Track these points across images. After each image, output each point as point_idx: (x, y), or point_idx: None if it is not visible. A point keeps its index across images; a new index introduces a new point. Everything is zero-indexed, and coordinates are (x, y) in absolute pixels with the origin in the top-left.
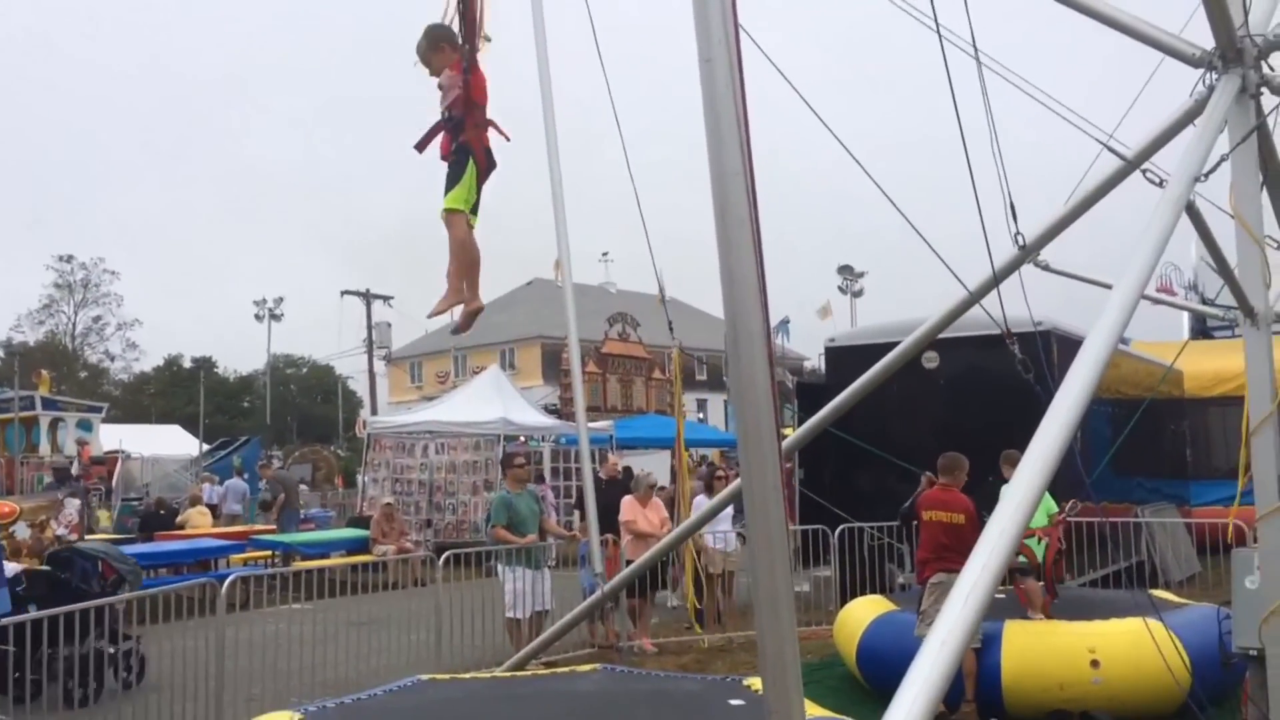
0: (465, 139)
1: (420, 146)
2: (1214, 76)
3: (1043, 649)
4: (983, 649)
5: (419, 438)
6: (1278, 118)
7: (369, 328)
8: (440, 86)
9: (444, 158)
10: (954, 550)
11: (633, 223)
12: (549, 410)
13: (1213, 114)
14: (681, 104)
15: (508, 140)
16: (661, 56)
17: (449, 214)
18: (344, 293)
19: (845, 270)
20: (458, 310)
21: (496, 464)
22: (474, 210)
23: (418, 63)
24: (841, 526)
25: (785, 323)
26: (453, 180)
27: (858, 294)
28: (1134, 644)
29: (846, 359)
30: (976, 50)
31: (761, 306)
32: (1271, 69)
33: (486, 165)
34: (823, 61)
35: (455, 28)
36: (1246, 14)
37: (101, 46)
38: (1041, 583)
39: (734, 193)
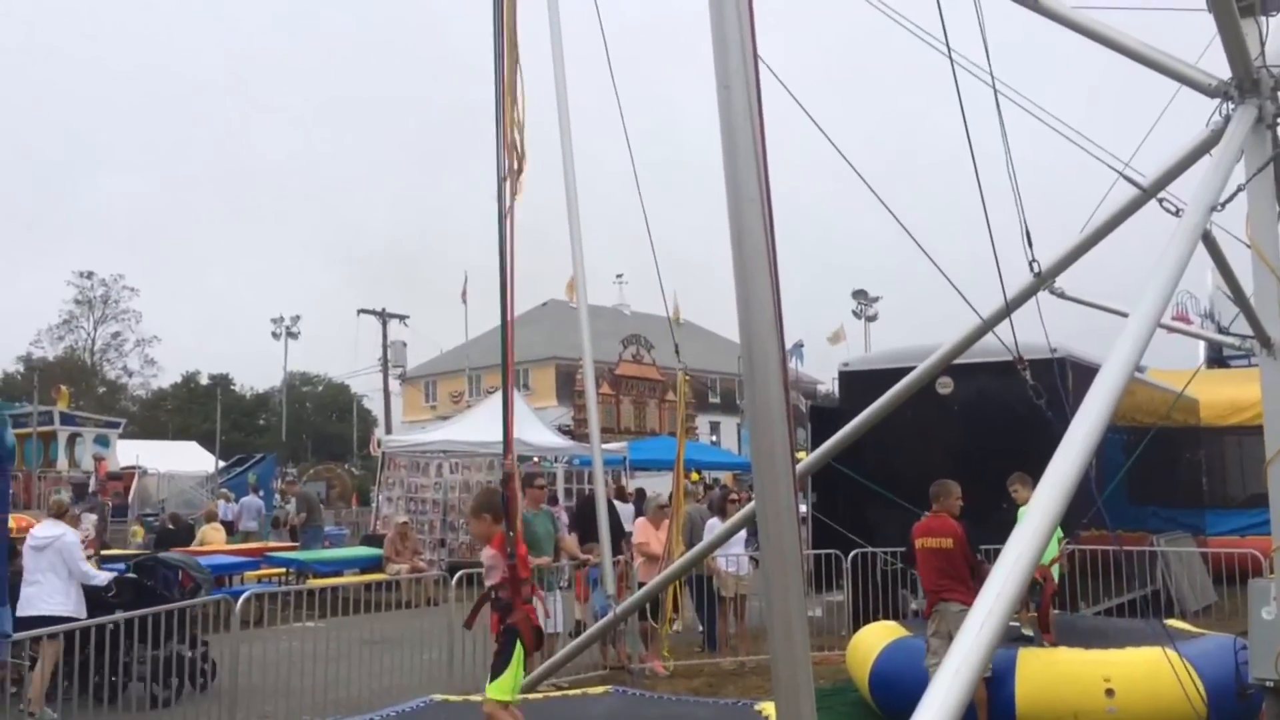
0: (513, 621)
1: (468, 624)
2: (1230, 107)
3: (1057, 677)
4: (997, 677)
5: (433, 457)
6: None
7: (384, 347)
8: (484, 563)
9: (493, 634)
10: (948, 576)
11: (647, 245)
12: (563, 431)
13: (1229, 144)
14: (699, 120)
15: (548, 616)
16: (676, 63)
17: (494, 704)
18: (360, 311)
19: (860, 295)
20: None
21: None
22: (516, 693)
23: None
24: (854, 551)
25: (799, 346)
26: (499, 668)
27: (872, 319)
28: (1149, 673)
29: (860, 383)
30: (994, 81)
31: (778, 332)
32: None
33: (536, 644)
34: (825, 62)
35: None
36: (1263, 45)
37: (102, 46)
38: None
39: (751, 219)
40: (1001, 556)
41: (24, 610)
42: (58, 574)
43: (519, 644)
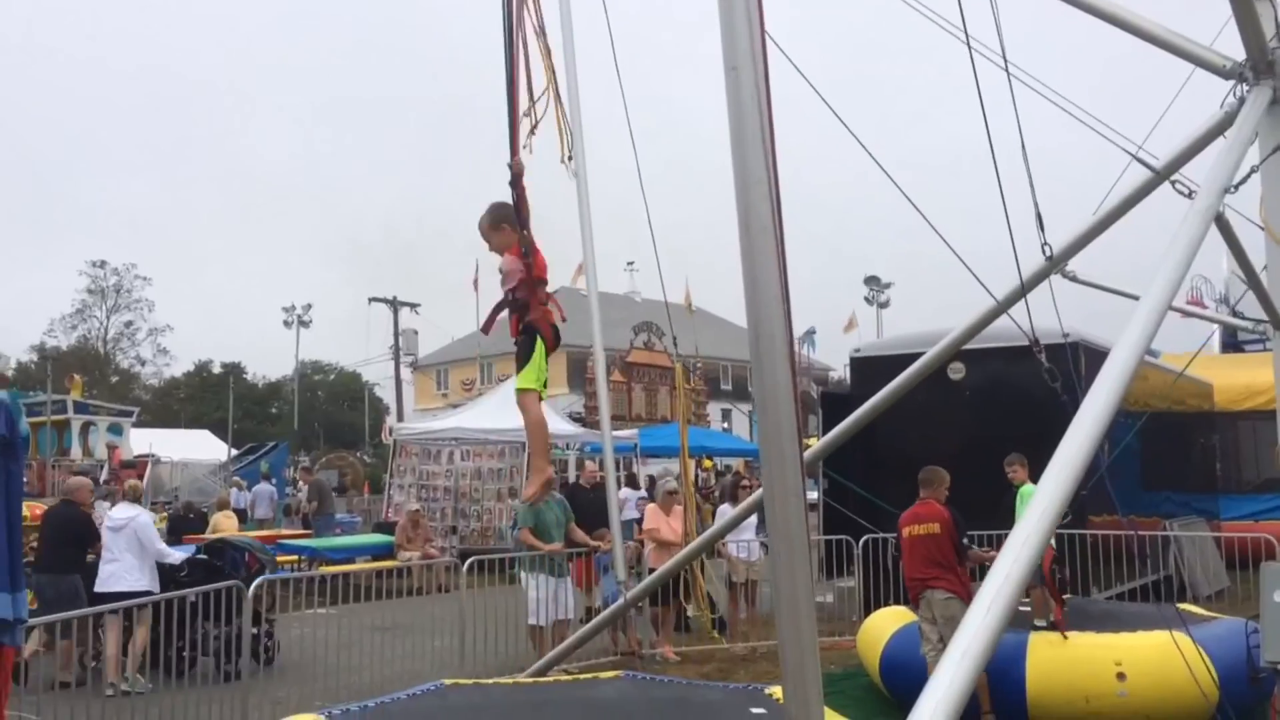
0: (531, 319)
1: (485, 329)
2: (1245, 88)
3: (1068, 661)
4: (1008, 661)
5: (444, 444)
6: None
7: (396, 335)
8: (501, 270)
9: (513, 338)
10: (934, 564)
11: (658, 231)
12: (574, 418)
13: (1243, 126)
14: (710, 116)
15: (564, 320)
16: (681, 60)
17: (523, 394)
18: (371, 299)
19: (872, 281)
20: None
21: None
22: (544, 385)
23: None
24: (865, 537)
25: (811, 333)
26: (522, 361)
27: (884, 305)
28: (1161, 657)
29: (872, 369)
30: (1007, 63)
31: (784, 313)
32: None
33: (554, 343)
34: (843, 61)
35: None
36: (1278, 26)
37: (102, 47)
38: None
39: (758, 200)
40: (1010, 539)
41: (104, 587)
42: (134, 553)
43: (539, 340)
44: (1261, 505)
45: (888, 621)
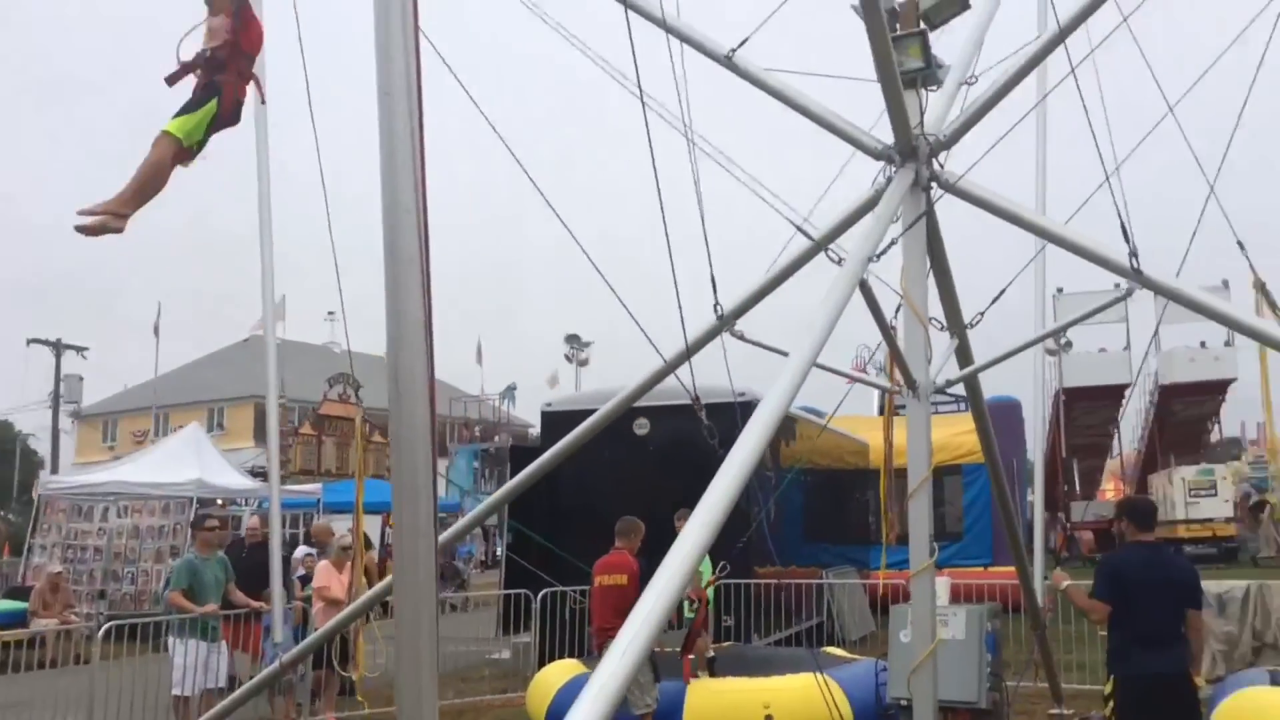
0: (221, 79)
1: (171, 80)
2: (892, 169)
3: (722, 706)
4: (668, 709)
5: (99, 500)
6: (946, 210)
7: (56, 380)
8: (209, 27)
9: (197, 90)
10: (621, 615)
11: (361, 284)
12: (256, 474)
13: (888, 203)
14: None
15: (263, 103)
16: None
17: (164, 136)
18: (30, 341)
19: (572, 339)
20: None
21: (184, 529)
22: (195, 151)
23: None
24: (544, 591)
25: (512, 389)
26: (187, 109)
27: (583, 363)
28: (804, 698)
29: (562, 423)
30: (689, 130)
31: (426, 346)
32: (941, 166)
33: (230, 116)
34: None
35: None
36: (922, 115)
37: None
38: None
39: (405, 230)
40: (652, 580)
41: None
42: None
43: (216, 102)
44: (906, 555)
45: (557, 674)
